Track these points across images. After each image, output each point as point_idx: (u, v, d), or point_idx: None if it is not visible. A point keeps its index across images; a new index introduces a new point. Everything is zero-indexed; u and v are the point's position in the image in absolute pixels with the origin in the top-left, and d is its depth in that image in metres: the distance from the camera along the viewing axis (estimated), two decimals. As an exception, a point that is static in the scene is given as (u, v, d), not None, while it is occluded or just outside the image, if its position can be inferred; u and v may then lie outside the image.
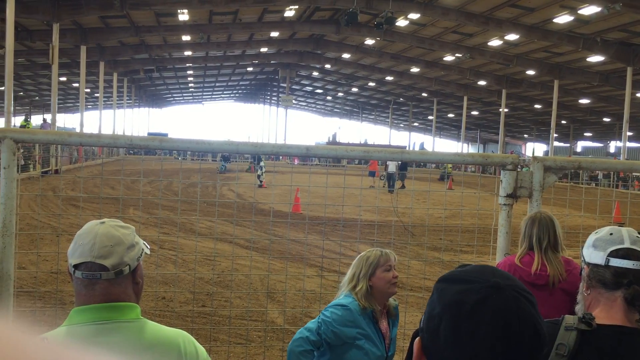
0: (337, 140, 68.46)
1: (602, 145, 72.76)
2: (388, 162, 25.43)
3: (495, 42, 31.99)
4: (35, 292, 6.21)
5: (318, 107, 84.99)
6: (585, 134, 68.81)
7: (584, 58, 32.04)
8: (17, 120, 43.75)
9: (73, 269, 1.69)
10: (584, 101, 45.70)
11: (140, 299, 1.82)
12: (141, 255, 1.78)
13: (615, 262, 1.73)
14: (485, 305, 0.96)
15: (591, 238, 1.83)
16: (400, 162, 23.59)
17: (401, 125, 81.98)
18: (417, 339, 1.06)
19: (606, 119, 53.78)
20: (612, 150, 65.28)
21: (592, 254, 1.79)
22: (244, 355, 5.45)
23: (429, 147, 67.64)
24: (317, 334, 2.98)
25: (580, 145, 75.63)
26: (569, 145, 65.05)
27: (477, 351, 0.95)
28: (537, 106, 50.60)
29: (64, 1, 24.72)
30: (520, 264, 3.21)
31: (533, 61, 34.64)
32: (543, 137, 70.45)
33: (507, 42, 31.54)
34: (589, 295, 1.80)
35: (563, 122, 56.95)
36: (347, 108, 78.22)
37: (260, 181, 23.70)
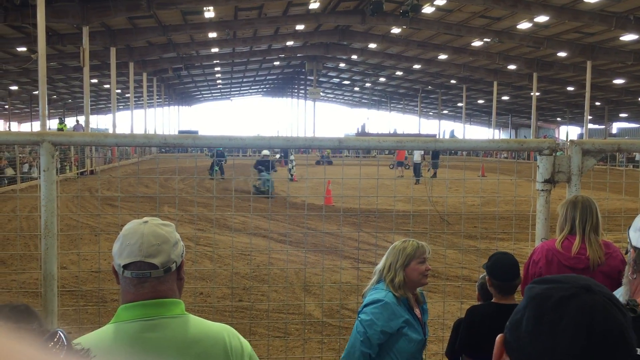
0: (366, 131, 68.19)
1: (638, 125, 70.91)
2: (414, 152, 25.20)
3: (524, 25, 31.35)
4: (77, 291, 6.35)
5: (346, 98, 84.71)
6: (621, 115, 67.06)
7: (617, 37, 31.18)
8: (52, 124, 44.69)
9: (122, 269, 1.71)
10: (619, 81, 44.53)
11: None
12: (184, 251, 1.81)
13: None
14: (571, 301, 0.94)
15: (638, 221, 1.77)
16: (430, 151, 23.37)
17: (430, 113, 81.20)
18: (500, 335, 1.03)
19: (642, 99, 52.42)
20: (649, 130, 63.57)
21: (639, 238, 1.73)
22: (283, 348, 5.49)
23: (459, 135, 66.92)
24: (368, 342, 2.95)
25: (616, 126, 73.81)
26: (604, 127, 63.51)
27: (557, 343, 0.92)
28: (570, 88, 49.49)
29: (92, 4, 25.08)
30: (560, 248, 3.15)
31: (564, 42, 33.87)
32: (577, 120, 69.03)
33: (536, 25, 30.87)
34: (634, 280, 1.75)
35: (597, 103, 55.64)
36: (375, 98, 77.76)
37: (292, 175, 23.76)
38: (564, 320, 0.92)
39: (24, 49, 30.62)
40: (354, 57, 48.56)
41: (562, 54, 36.63)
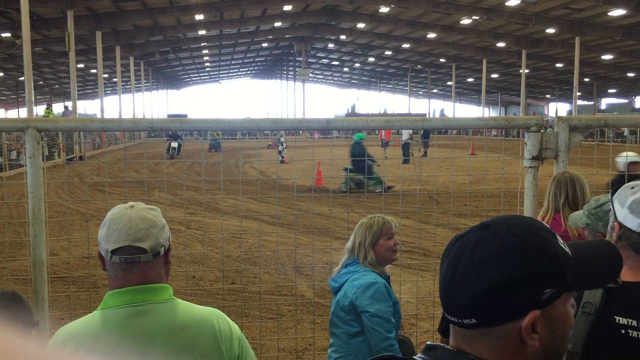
0: (356, 111, 68.04)
1: (627, 101, 71.15)
2: (402, 131, 25.21)
3: (513, 2, 31.22)
4: (68, 278, 6.35)
5: (335, 79, 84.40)
6: (610, 91, 67.26)
7: (605, 12, 31.15)
8: (39, 110, 44.31)
9: (110, 255, 1.70)
10: (607, 57, 44.58)
11: (170, 278, 1.85)
12: (170, 235, 1.81)
13: None
14: (457, 241, 1.02)
15: (627, 196, 1.73)
16: (420, 131, 23.35)
17: (420, 92, 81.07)
18: None
19: (630, 74, 52.45)
20: (637, 105, 63.82)
21: (626, 216, 1.69)
22: (276, 329, 5.52)
23: (449, 114, 66.92)
24: (393, 327, 3.00)
25: (605, 102, 74.04)
26: (592, 103, 63.73)
27: (441, 280, 1.02)
28: (559, 65, 49.52)
29: (76, -13, 24.76)
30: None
31: (553, 19, 33.80)
32: (566, 97, 69.08)
33: (525, 1, 30.76)
34: None
35: (586, 79, 55.75)
36: (365, 78, 77.52)
37: (282, 157, 23.72)
38: (445, 260, 1.02)
39: (8, 34, 30.18)
40: (343, 37, 48.30)
41: (550, 31, 36.59)
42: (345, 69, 72.98)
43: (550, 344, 0.99)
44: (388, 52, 54.82)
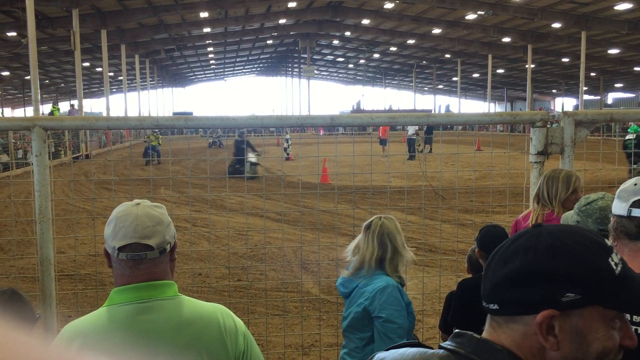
0: (362, 107, 67.98)
1: (634, 95, 70.75)
2: (407, 127, 25.14)
3: (518, -4, 31.12)
4: (75, 275, 6.38)
5: (340, 75, 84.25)
6: (616, 85, 66.86)
7: (611, 6, 30.93)
8: (46, 109, 44.48)
9: (117, 252, 1.71)
10: (613, 51, 44.31)
11: (175, 275, 1.86)
12: (175, 232, 1.82)
13: (638, 213, 1.69)
14: (521, 236, 1.05)
15: (618, 190, 1.81)
16: (424, 127, 23.30)
17: (425, 88, 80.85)
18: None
19: (637, 68, 52.12)
20: (644, 100, 63.42)
21: (616, 205, 1.76)
22: (282, 325, 5.54)
23: (455, 109, 66.73)
24: (405, 332, 2.95)
25: (611, 97, 73.64)
26: (599, 97, 63.39)
27: (510, 265, 1.03)
28: (565, 60, 49.24)
29: (81, -14, 24.78)
30: (522, 219, 3.34)
31: (558, 13, 33.59)
32: (572, 92, 68.79)
33: (530, -5, 30.64)
34: (615, 247, 1.77)
35: (592, 74, 55.42)
36: (370, 75, 77.30)
37: (287, 154, 23.74)
38: (515, 244, 1.04)
39: (14, 33, 30.27)
40: (348, 33, 48.17)
41: (556, 25, 36.38)
42: (350, 66, 72.79)
43: (572, 356, 0.97)
44: (393, 48, 54.65)
